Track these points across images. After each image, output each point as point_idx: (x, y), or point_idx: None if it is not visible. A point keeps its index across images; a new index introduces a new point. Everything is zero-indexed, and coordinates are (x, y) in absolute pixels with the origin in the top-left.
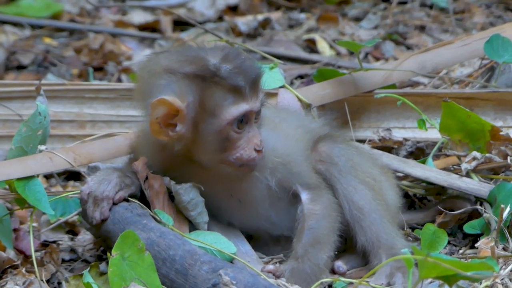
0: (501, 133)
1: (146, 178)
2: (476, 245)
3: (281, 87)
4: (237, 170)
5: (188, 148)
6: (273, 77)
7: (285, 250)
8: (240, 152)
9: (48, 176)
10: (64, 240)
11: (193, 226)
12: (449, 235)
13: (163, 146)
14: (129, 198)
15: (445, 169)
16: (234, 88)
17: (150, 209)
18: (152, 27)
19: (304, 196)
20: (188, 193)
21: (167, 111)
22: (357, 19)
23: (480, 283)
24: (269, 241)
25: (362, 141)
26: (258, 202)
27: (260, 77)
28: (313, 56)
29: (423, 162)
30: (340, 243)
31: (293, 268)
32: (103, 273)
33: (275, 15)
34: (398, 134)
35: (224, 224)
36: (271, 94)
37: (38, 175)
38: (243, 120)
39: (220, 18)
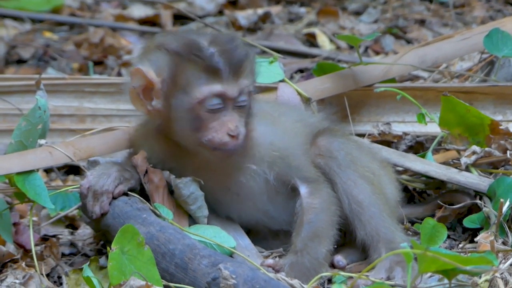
0: (501, 127)
1: (146, 172)
2: (475, 239)
3: (280, 81)
4: (212, 154)
5: (166, 125)
6: (272, 71)
7: (284, 244)
8: (212, 134)
9: (48, 170)
10: (64, 234)
11: (192, 220)
12: (448, 229)
13: (160, 137)
14: (129, 192)
15: (444, 163)
16: (210, 68)
17: (149, 203)
18: (152, 21)
19: (303, 189)
20: (188, 187)
21: (144, 82)
22: (357, 13)
23: (480, 277)
24: (268, 235)
25: (361, 135)
26: (256, 196)
27: (244, 63)
28: (313, 50)
29: (423, 156)
30: (339, 237)
31: (293, 262)
32: (103, 267)
33: (275, 9)
34: (397, 128)
35: (223, 218)
36: (271, 89)
37: (38, 169)
38: (219, 103)
39: (220, 12)
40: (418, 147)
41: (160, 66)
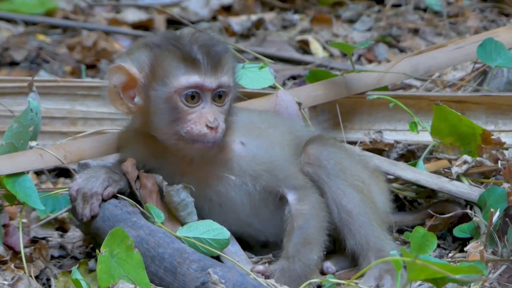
0: (492, 137)
1: (137, 178)
2: (465, 248)
3: (271, 86)
4: (191, 148)
5: (146, 122)
6: (262, 76)
7: (274, 251)
8: (191, 126)
9: (38, 173)
10: (54, 236)
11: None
12: (438, 238)
13: (143, 138)
14: (119, 195)
15: (436, 172)
16: (187, 58)
17: (139, 207)
18: (145, 26)
19: (291, 196)
20: (179, 194)
21: (125, 80)
22: (351, 21)
23: (469, 287)
24: (256, 245)
25: (353, 143)
26: (239, 208)
27: (222, 56)
28: (306, 57)
29: (414, 165)
30: (329, 243)
31: (284, 268)
32: (92, 270)
33: (268, 16)
34: (389, 137)
35: None
36: (262, 94)
37: (28, 172)
38: (197, 94)
39: (214, 18)
40: (409, 155)
41: (142, 61)
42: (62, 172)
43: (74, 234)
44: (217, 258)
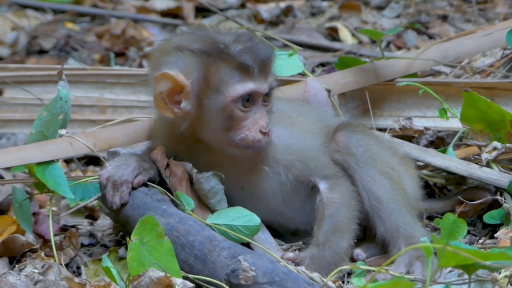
0: None
1: (167, 166)
2: (495, 235)
3: (300, 74)
4: (243, 153)
5: (194, 127)
6: (292, 63)
7: (303, 238)
8: (245, 132)
9: (68, 161)
10: (83, 224)
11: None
12: (468, 225)
13: (175, 131)
14: (149, 183)
15: (465, 158)
16: (241, 66)
17: (169, 194)
18: (174, 13)
19: (322, 185)
20: (209, 182)
21: (171, 86)
22: (380, 8)
23: (499, 273)
24: (285, 233)
25: (383, 129)
26: (270, 197)
27: (271, 60)
28: (335, 44)
29: (444, 152)
30: (359, 231)
31: (314, 255)
32: (122, 258)
33: (297, 3)
34: (419, 123)
35: None
36: (292, 82)
37: (58, 160)
38: (249, 100)
39: (242, 5)
40: (439, 142)
41: (188, 67)
42: (92, 160)
43: (104, 222)
44: (247, 245)
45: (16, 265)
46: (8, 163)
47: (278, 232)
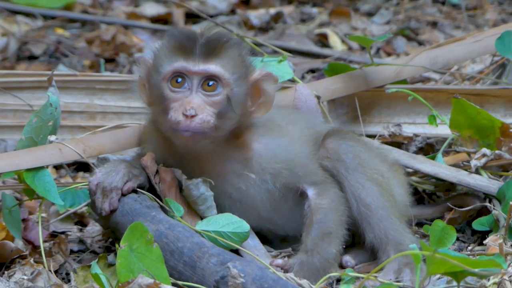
0: (511, 130)
1: (157, 172)
2: (484, 242)
3: (290, 80)
4: (178, 139)
5: (154, 116)
6: (281, 70)
7: (293, 245)
8: (171, 114)
9: (57, 167)
10: (73, 231)
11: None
12: (457, 231)
13: (165, 137)
14: (138, 190)
15: (454, 165)
16: (176, 46)
17: (159, 201)
18: (164, 20)
19: (311, 192)
20: (198, 188)
21: (147, 70)
22: (369, 14)
23: (488, 280)
24: (275, 240)
25: (372, 136)
26: (258, 205)
27: (218, 47)
28: (325, 51)
29: (433, 158)
30: (348, 237)
31: (303, 261)
32: (111, 265)
33: (287, 9)
34: (408, 130)
35: None
36: (282, 88)
37: (47, 166)
38: (182, 81)
39: (232, 11)
40: (428, 149)
41: (155, 52)
42: (81, 167)
43: (94, 229)
44: (237, 252)
45: (5, 272)
46: None
47: (267, 239)
